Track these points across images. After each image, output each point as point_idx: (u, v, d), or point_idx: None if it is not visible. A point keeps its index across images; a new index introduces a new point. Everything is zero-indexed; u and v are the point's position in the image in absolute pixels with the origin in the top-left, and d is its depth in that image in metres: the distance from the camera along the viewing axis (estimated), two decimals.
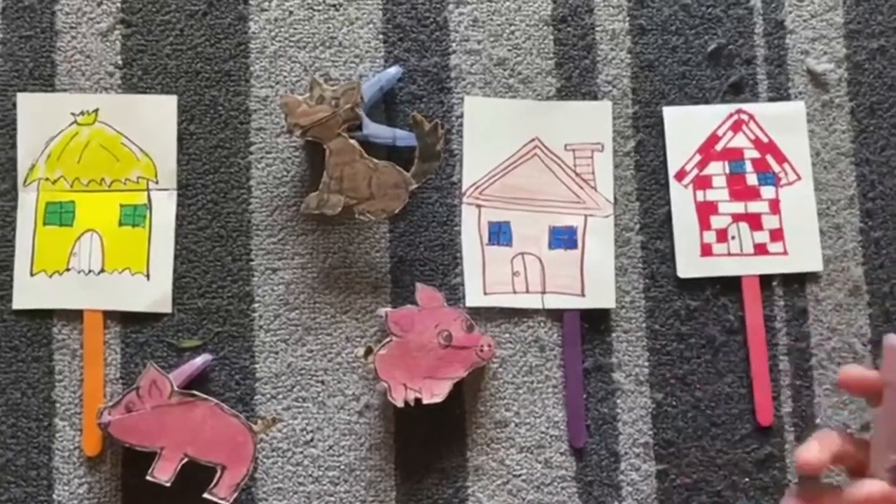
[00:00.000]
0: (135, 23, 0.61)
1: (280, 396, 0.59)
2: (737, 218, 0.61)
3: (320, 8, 0.62)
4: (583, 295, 0.60)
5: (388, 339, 0.56)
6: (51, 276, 0.58)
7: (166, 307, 0.59)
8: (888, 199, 0.62)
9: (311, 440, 0.59)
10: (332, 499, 0.58)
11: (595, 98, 0.62)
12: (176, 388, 0.55)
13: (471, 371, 0.57)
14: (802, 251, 0.61)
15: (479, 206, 0.61)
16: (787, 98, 0.62)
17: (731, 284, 0.61)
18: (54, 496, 0.58)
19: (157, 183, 0.60)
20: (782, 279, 0.61)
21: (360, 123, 0.57)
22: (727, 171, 0.61)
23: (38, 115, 0.59)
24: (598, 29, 0.62)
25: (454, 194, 0.61)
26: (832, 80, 0.63)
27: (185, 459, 0.54)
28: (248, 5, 0.61)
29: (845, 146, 0.62)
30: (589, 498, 0.59)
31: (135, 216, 0.59)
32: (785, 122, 0.62)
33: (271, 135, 0.60)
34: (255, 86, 0.61)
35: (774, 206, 0.61)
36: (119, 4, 0.61)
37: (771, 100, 0.62)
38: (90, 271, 0.59)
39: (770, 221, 0.61)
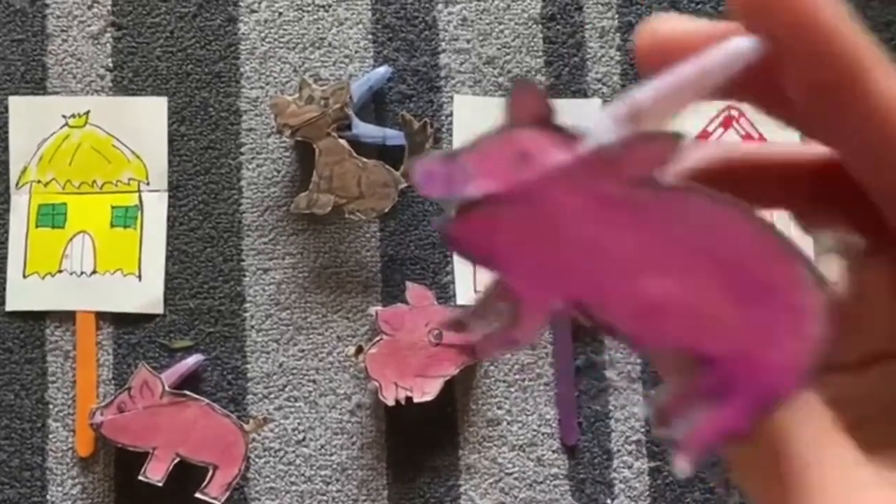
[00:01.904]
0: (125, 25, 0.61)
1: (272, 396, 0.59)
2: None
3: (310, 9, 0.62)
4: None
5: (378, 338, 0.56)
6: (43, 278, 0.59)
7: (158, 308, 0.59)
8: None
9: (303, 439, 0.59)
10: (324, 498, 0.58)
11: (585, 96, 0.62)
12: (167, 389, 0.55)
13: (462, 369, 0.57)
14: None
15: None
16: None
17: None
18: (48, 497, 0.58)
19: (148, 184, 0.60)
20: None
21: (349, 123, 0.57)
22: None
23: (29, 117, 0.60)
24: (587, 27, 0.62)
25: None
26: None
27: (177, 459, 0.55)
28: (238, 7, 0.62)
29: None
30: (581, 496, 0.59)
31: (126, 217, 0.60)
32: None
33: (261, 135, 0.61)
34: (246, 87, 0.61)
35: None
36: (109, 7, 0.61)
37: None
38: (82, 273, 0.59)
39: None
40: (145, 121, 0.60)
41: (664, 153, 0.17)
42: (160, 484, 0.54)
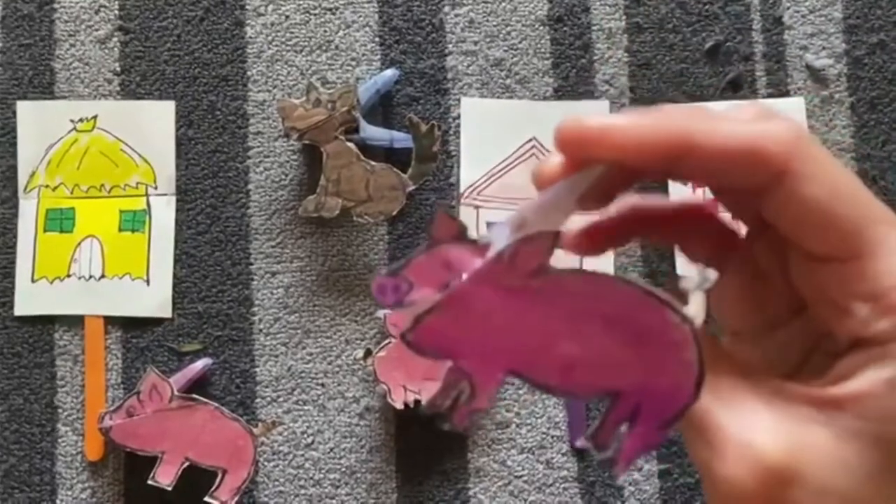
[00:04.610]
0: (132, 29, 0.61)
1: (280, 399, 0.59)
2: None
3: (317, 12, 0.62)
4: None
5: (387, 341, 0.56)
6: (52, 283, 0.59)
7: (166, 312, 0.59)
8: (890, 193, 0.61)
9: (312, 443, 0.59)
10: (333, 501, 0.58)
11: (592, 97, 0.62)
12: (176, 393, 0.55)
13: None
14: None
15: (476, 207, 0.61)
16: (787, 94, 0.62)
17: None
18: (57, 501, 0.58)
19: (155, 188, 0.60)
20: None
21: (356, 126, 0.57)
22: None
23: (37, 122, 0.60)
24: (594, 28, 0.62)
25: (452, 195, 0.61)
26: (831, 75, 0.62)
27: (186, 463, 0.55)
28: (245, 10, 0.62)
29: (846, 142, 0.62)
30: (591, 498, 0.59)
31: (134, 222, 0.60)
32: None
33: (269, 139, 0.61)
34: (253, 90, 0.61)
35: None
36: (117, 11, 0.61)
37: (770, 96, 0.62)
38: (91, 277, 0.59)
39: None
40: (153, 125, 0.60)
41: (543, 249, 0.22)
42: (169, 488, 0.54)
